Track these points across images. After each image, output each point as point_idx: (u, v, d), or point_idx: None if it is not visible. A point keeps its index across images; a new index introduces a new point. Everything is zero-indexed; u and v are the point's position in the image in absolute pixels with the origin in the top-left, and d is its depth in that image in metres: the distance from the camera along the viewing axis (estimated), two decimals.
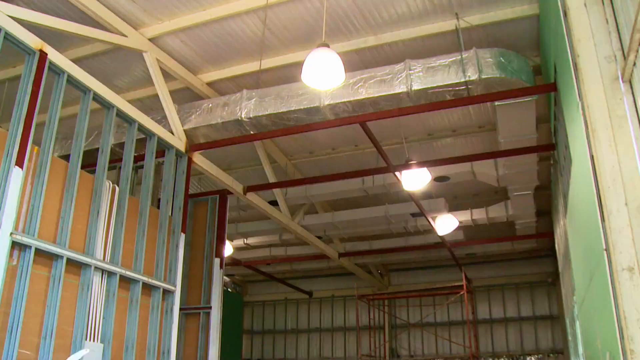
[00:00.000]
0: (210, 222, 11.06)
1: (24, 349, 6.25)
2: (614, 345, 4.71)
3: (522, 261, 18.80)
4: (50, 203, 6.83)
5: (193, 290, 10.68)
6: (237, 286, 22.56)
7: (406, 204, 13.21)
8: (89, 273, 7.20)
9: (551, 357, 18.25)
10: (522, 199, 12.15)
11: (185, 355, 10.33)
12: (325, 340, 21.02)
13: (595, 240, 5.05)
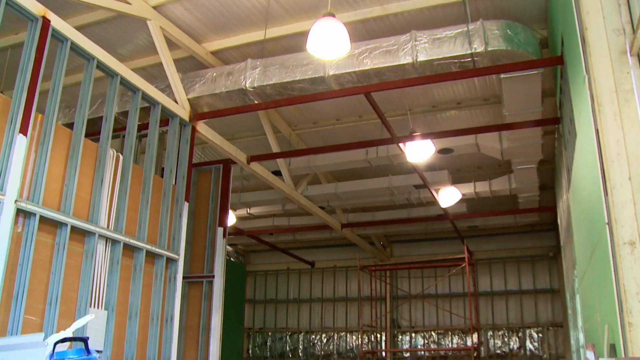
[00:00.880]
0: (213, 192, 11.10)
1: (30, 315, 6.33)
2: (613, 318, 4.75)
3: (524, 235, 18.84)
4: (54, 171, 6.85)
5: (196, 259, 10.76)
6: (240, 256, 22.71)
7: (409, 175, 13.21)
8: (93, 241, 7.25)
9: (551, 330, 18.41)
10: (526, 172, 12.14)
11: (188, 323, 10.46)
12: (327, 310, 21.22)
13: (598, 214, 5.06)
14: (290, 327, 21.63)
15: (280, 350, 21.66)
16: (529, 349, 18.54)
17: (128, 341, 7.77)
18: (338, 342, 20.91)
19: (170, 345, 8.50)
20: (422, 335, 19.85)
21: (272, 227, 17.63)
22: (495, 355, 18.53)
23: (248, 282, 22.50)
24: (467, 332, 18.75)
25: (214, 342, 10.24)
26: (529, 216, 16.24)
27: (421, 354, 19.71)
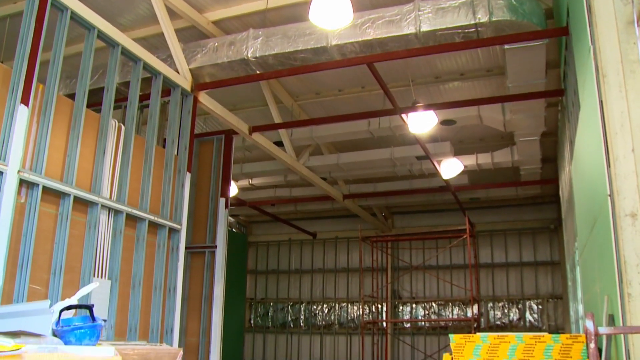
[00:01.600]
0: (215, 162, 11.11)
1: (35, 285, 6.39)
2: (612, 289, 4.78)
3: (525, 207, 18.88)
4: (57, 141, 6.84)
5: (198, 230, 10.82)
6: (242, 226, 22.80)
7: (411, 146, 13.18)
8: (96, 211, 7.28)
9: (550, 302, 18.55)
10: (528, 144, 12.10)
11: (190, 292, 10.55)
12: (328, 281, 21.37)
13: (600, 186, 5.06)
14: (291, 297, 21.82)
15: (282, 321, 21.88)
16: (529, 321, 18.71)
17: (131, 311, 7.85)
18: (339, 313, 21.12)
19: (173, 314, 8.59)
20: (422, 306, 20.02)
21: (273, 198, 17.67)
22: (495, 326, 18.71)
23: (250, 252, 22.63)
24: (467, 303, 18.91)
25: (216, 311, 10.35)
26: (530, 188, 16.24)
27: (421, 324, 19.90)
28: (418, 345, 19.16)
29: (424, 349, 18.74)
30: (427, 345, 19.14)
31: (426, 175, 14.91)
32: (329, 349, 20.77)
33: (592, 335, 3.39)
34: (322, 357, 20.73)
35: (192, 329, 10.44)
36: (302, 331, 21.37)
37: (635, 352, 4.39)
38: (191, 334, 10.41)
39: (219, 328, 10.30)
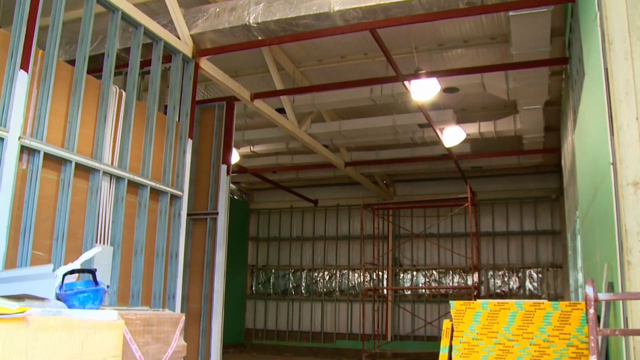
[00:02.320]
0: (217, 129, 11.08)
1: (38, 251, 6.43)
2: (612, 257, 4.81)
3: (527, 176, 18.86)
4: (57, 108, 6.81)
5: (200, 196, 10.84)
6: (244, 194, 22.84)
7: (414, 114, 13.12)
8: (98, 178, 7.28)
9: (550, 271, 18.66)
10: (531, 113, 12.04)
11: (192, 259, 10.62)
12: (330, 248, 21.48)
13: (603, 154, 5.05)
14: (293, 264, 21.97)
15: (283, 288, 22.07)
16: (528, 289, 18.85)
17: (134, 277, 7.91)
18: (340, 280, 21.28)
19: (175, 280, 8.66)
20: (423, 274, 20.17)
21: (275, 165, 17.66)
22: (495, 294, 18.86)
23: (251, 220, 22.72)
24: (467, 271, 19.04)
25: (218, 278, 10.43)
26: (533, 158, 16.20)
27: (422, 292, 20.07)
28: (418, 312, 19.35)
29: (424, 316, 18.94)
30: (427, 312, 19.33)
31: (428, 143, 14.88)
32: (329, 316, 20.98)
33: (591, 301, 3.42)
34: (323, 323, 20.96)
35: (194, 296, 10.54)
36: (303, 298, 21.57)
37: (633, 319, 4.43)
38: (193, 300, 10.50)
39: (221, 294, 10.39)
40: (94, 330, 2.51)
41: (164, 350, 5.50)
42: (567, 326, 6.01)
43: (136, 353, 5.06)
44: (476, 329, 6.32)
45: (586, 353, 5.83)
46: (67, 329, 2.36)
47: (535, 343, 6.08)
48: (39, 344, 2.22)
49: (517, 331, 6.17)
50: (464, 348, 6.33)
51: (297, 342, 20.80)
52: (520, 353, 6.10)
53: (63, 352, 2.36)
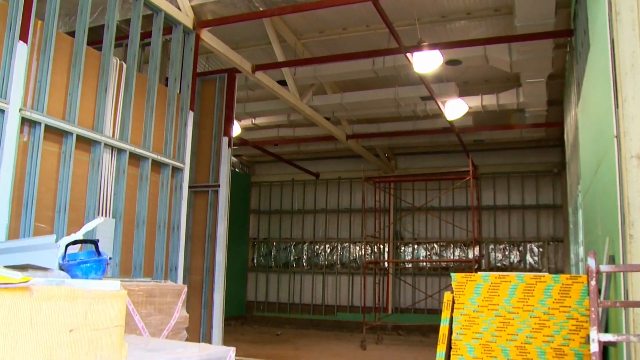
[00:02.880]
0: (218, 101, 11.03)
1: (40, 223, 6.45)
2: (614, 231, 4.81)
3: (529, 150, 18.82)
4: (58, 80, 6.77)
5: (201, 169, 10.84)
6: (245, 167, 22.85)
7: (416, 87, 13.04)
8: (99, 150, 7.28)
9: (551, 245, 18.73)
10: (534, 86, 11.97)
11: (194, 231, 10.66)
12: (331, 221, 21.54)
13: (606, 127, 5.02)
14: (294, 237, 22.05)
15: (285, 260, 22.19)
16: (529, 263, 18.94)
17: (136, 249, 7.95)
18: (341, 253, 21.39)
19: (177, 252, 8.70)
20: (424, 247, 20.25)
21: (276, 138, 17.62)
22: (496, 267, 18.96)
23: (253, 193, 22.75)
24: (468, 244, 19.11)
25: (220, 250, 10.48)
26: (535, 131, 16.15)
27: (423, 265, 20.18)
28: (419, 285, 19.47)
29: (424, 289, 19.06)
30: (428, 285, 19.45)
31: (430, 116, 14.82)
32: (331, 289, 21.12)
33: (593, 272, 3.43)
34: (324, 296, 21.12)
35: (195, 268, 10.59)
36: (305, 271, 21.69)
37: (634, 292, 4.44)
38: (195, 273, 10.56)
39: (223, 266, 10.44)
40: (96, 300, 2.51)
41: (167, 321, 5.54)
42: (567, 299, 6.05)
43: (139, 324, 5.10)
44: (477, 301, 6.36)
45: (586, 326, 5.87)
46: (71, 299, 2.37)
47: (536, 315, 6.12)
48: (43, 313, 2.23)
49: (518, 304, 6.20)
50: (464, 320, 6.38)
51: (298, 315, 20.97)
52: (521, 325, 6.14)
53: (67, 321, 2.37)
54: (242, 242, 21.77)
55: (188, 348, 3.58)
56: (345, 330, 18.69)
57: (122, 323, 2.70)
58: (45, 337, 2.27)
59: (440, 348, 6.53)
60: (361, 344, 14.32)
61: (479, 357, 6.26)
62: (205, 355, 3.41)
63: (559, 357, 5.96)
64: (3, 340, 2.10)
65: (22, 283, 2.13)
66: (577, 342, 5.93)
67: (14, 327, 2.13)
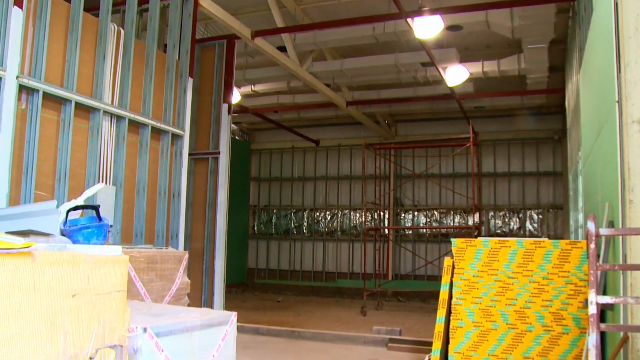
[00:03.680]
0: (217, 68, 10.95)
1: (40, 191, 6.45)
2: (614, 196, 4.82)
3: (530, 117, 18.74)
4: (55, 46, 6.71)
5: (201, 136, 10.81)
6: (245, 134, 22.80)
7: (417, 52, 12.93)
8: (98, 117, 7.25)
9: (551, 212, 18.79)
10: (536, 52, 11.86)
11: (195, 198, 10.68)
12: (331, 188, 21.58)
13: (608, 92, 4.99)
14: (294, 204, 22.11)
15: (285, 227, 22.29)
16: (529, 230, 19.03)
17: (137, 216, 7.97)
18: (342, 220, 21.47)
19: (177, 220, 8.73)
20: (424, 214, 20.33)
21: (276, 105, 17.54)
22: (495, 234, 19.05)
23: (253, 160, 22.75)
24: (468, 211, 19.17)
25: (220, 217, 10.51)
26: (536, 98, 16.07)
27: (423, 231, 20.28)
28: (419, 252, 19.59)
29: (424, 256, 19.18)
30: (428, 252, 19.58)
31: (431, 82, 14.73)
32: (331, 255, 21.27)
33: (592, 236, 3.44)
34: (325, 263, 21.27)
35: (196, 235, 10.64)
36: (305, 238, 21.81)
37: (632, 257, 4.47)
38: (196, 240, 10.62)
39: (224, 234, 10.49)
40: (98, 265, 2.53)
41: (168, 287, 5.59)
42: (566, 264, 6.09)
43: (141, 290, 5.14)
44: (477, 266, 6.41)
45: (584, 290, 5.92)
46: (73, 264, 2.38)
47: (535, 280, 6.17)
48: (46, 278, 2.24)
49: (517, 269, 6.25)
50: (464, 285, 6.43)
51: (299, 282, 21.15)
52: (520, 290, 6.20)
53: (69, 286, 2.38)
54: (243, 210, 21.84)
55: (190, 313, 3.62)
56: (346, 296, 18.87)
57: (124, 288, 2.72)
58: (48, 301, 2.29)
59: (440, 312, 6.60)
60: (361, 310, 14.47)
61: (478, 321, 6.33)
62: (207, 319, 3.44)
63: (558, 321, 6.03)
64: (7, 305, 2.12)
65: (24, 248, 2.14)
66: (575, 306, 5.99)
67: (17, 292, 2.15)
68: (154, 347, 2.94)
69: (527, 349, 6.08)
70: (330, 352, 9.07)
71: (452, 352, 6.37)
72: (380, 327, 10.42)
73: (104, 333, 2.62)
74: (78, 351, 2.46)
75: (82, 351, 2.49)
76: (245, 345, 9.08)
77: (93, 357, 2.54)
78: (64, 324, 2.38)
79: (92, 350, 2.54)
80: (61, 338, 2.36)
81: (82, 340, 2.49)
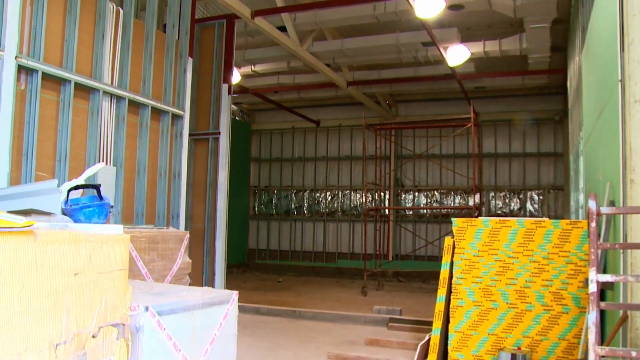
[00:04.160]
0: (217, 48, 10.89)
1: (41, 171, 6.45)
2: (615, 176, 4.81)
3: (531, 97, 18.66)
4: (53, 26, 6.67)
5: (201, 117, 10.78)
6: (245, 115, 22.73)
7: (417, 32, 12.83)
8: (98, 97, 7.22)
9: (551, 192, 18.78)
10: (538, 31, 11.77)
11: (195, 179, 10.68)
12: (332, 168, 21.57)
13: (611, 72, 4.96)
14: (295, 185, 22.11)
15: (286, 208, 22.30)
16: (529, 211, 19.03)
17: (137, 197, 7.97)
18: (342, 200, 21.49)
19: (178, 200, 8.74)
20: (425, 194, 20.33)
21: (277, 85, 17.48)
22: (496, 215, 19.04)
23: (253, 141, 22.70)
24: (469, 192, 19.17)
25: (221, 197, 10.52)
26: (537, 78, 15.99)
27: (423, 212, 20.29)
28: (419, 232, 19.62)
29: (425, 236, 19.22)
30: (428, 232, 19.61)
31: (432, 62, 14.65)
32: (331, 236, 21.31)
33: (594, 214, 3.44)
34: (325, 243, 21.32)
35: (197, 215, 10.66)
36: (306, 218, 21.85)
37: (632, 236, 4.48)
38: (197, 220, 10.64)
39: (224, 214, 10.50)
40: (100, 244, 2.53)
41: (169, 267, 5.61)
42: (566, 244, 6.10)
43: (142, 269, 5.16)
44: (477, 246, 6.42)
45: (584, 270, 5.94)
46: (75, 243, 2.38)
47: (535, 260, 6.18)
48: (48, 256, 2.24)
49: (518, 248, 6.27)
50: (464, 264, 6.45)
51: (300, 262, 21.22)
52: (520, 270, 6.22)
53: (71, 265, 2.39)
54: (243, 191, 21.85)
55: (192, 292, 3.63)
56: (346, 277, 18.94)
57: (125, 267, 2.73)
58: (51, 280, 2.30)
59: (441, 292, 6.63)
60: (362, 290, 14.53)
61: (478, 300, 6.36)
62: (208, 298, 3.46)
63: (557, 300, 6.06)
64: (10, 283, 2.12)
65: (26, 227, 2.14)
66: (575, 286, 6.01)
67: (20, 270, 2.16)
68: (155, 326, 2.96)
69: (527, 328, 6.11)
70: (331, 331, 9.13)
71: (452, 331, 6.41)
72: (381, 307, 10.48)
73: (106, 311, 2.64)
74: (81, 329, 2.48)
75: (85, 329, 2.51)
76: (245, 325, 9.13)
77: (96, 335, 2.56)
78: (67, 302, 2.39)
79: (94, 328, 2.55)
80: (64, 316, 2.37)
81: (84, 319, 2.50)
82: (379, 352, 7.45)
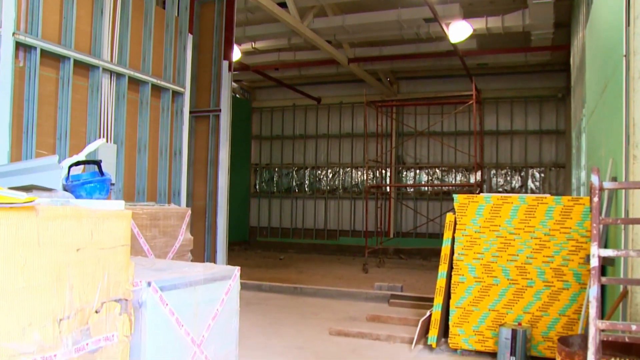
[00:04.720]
0: (217, 24, 10.78)
1: (41, 149, 6.44)
2: (618, 152, 4.80)
3: (533, 75, 18.57)
4: (51, 2, 6.60)
5: (202, 94, 10.72)
6: (246, 92, 22.64)
7: (419, 8, 12.71)
8: (98, 74, 7.18)
9: (553, 170, 18.77)
10: (542, 7, 11.64)
11: (196, 156, 10.66)
12: (333, 146, 21.54)
13: (616, 47, 4.92)
14: (296, 162, 22.10)
15: (287, 186, 22.33)
16: (530, 188, 19.04)
17: (138, 174, 7.97)
18: (343, 178, 21.49)
19: (179, 177, 8.74)
20: (426, 172, 20.33)
21: (277, 62, 17.38)
22: (497, 192, 19.04)
23: (254, 118, 22.64)
24: (470, 169, 19.16)
25: (222, 175, 10.50)
26: (540, 55, 15.88)
27: (424, 189, 20.30)
28: (421, 209, 19.65)
29: (426, 214, 19.25)
30: (429, 209, 19.64)
31: (434, 38, 14.54)
32: (333, 213, 21.35)
33: (596, 189, 3.43)
34: (326, 221, 21.37)
35: (198, 193, 10.65)
36: (307, 196, 21.87)
37: (634, 212, 4.49)
38: (198, 198, 10.63)
39: (226, 191, 10.49)
40: (102, 219, 2.53)
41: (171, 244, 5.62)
42: (568, 220, 6.10)
43: (144, 246, 5.17)
44: (479, 222, 6.42)
45: (585, 247, 5.95)
46: (76, 218, 2.38)
47: (536, 236, 6.19)
48: (50, 232, 2.24)
49: (519, 225, 6.27)
50: (466, 241, 6.46)
51: (301, 240, 21.28)
52: (521, 246, 6.23)
53: (73, 240, 2.39)
54: (244, 168, 21.84)
55: (194, 267, 3.64)
56: (348, 254, 19.01)
57: (127, 243, 2.73)
58: (53, 255, 2.30)
59: (442, 268, 6.65)
60: (363, 267, 14.59)
61: (479, 276, 6.38)
62: (210, 274, 3.47)
63: (558, 276, 6.08)
64: (13, 259, 2.13)
65: (27, 203, 2.14)
66: (576, 262, 6.03)
67: (22, 246, 2.16)
68: (158, 301, 2.97)
69: (528, 304, 6.14)
70: (332, 307, 9.18)
71: (453, 307, 6.44)
72: (382, 284, 10.52)
73: (108, 287, 2.64)
74: (84, 304, 2.49)
75: (88, 304, 2.51)
76: (248, 301, 9.18)
77: (99, 310, 2.57)
78: (70, 278, 2.39)
79: (97, 303, 2.56)
80: (67, 292, 2.38)
81: (87, 294, 2.51)
82: (380, 328, 7.50)
